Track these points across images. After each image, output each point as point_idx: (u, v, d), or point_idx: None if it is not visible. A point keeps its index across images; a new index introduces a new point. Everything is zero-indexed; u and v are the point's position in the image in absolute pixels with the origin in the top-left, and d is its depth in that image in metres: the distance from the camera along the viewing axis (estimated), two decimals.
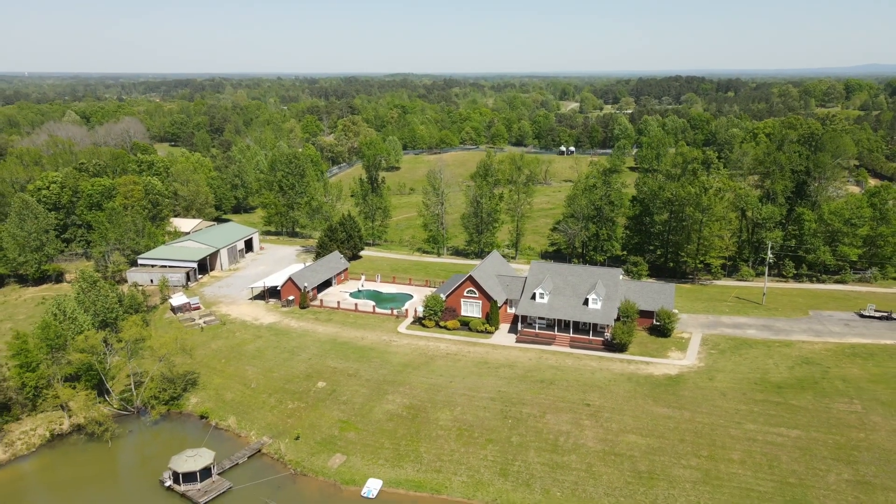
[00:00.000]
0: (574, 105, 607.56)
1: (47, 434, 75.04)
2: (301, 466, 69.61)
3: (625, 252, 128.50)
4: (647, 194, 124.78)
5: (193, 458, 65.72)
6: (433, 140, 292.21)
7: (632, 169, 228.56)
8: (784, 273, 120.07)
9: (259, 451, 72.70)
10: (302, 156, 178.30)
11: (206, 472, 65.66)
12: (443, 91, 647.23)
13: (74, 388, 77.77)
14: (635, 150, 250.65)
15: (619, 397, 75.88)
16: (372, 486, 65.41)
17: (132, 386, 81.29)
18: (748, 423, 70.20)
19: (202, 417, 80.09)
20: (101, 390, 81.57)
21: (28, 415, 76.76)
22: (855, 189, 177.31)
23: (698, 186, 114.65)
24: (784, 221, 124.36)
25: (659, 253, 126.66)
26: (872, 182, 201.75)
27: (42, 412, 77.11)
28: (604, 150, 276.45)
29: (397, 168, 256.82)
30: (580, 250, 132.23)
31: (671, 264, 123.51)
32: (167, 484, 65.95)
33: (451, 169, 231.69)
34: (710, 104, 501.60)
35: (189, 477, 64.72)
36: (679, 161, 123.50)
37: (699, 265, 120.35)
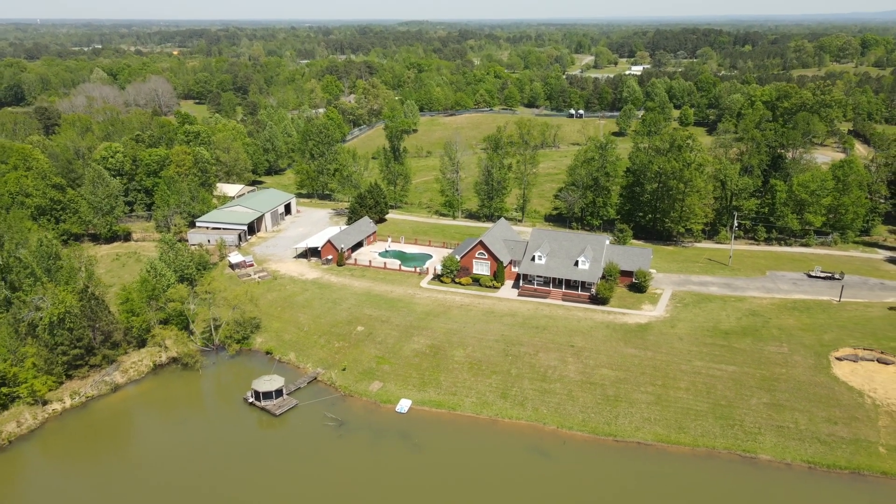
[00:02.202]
0: (589, 59, 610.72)
1: (151, 364, 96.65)
2: (348, 390, 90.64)
3: (619, 217, 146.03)
4: (639, 166, 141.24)
5: (269, 381, 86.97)
6: (448, 102, 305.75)
7: (637, 133, 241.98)
8: (756, 237, 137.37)
9: (315, 378, 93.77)
10: (330, 124, 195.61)
11: (279, 392, 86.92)
12: (457, 44, 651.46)
13: (169, 329, 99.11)
14: (641, 113, 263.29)
15: (597, 340, 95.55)
16: (403, 405, 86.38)
17: (211, 328, 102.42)
18: (696, 361, 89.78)
19: (267, 353, 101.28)
20: (188, 331, 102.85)
21: (134, 350, 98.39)
22: (841, 156, 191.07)
23: (682, 162, 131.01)
24: (760, 191, 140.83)
25: (648, 218, 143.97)
26: (860, 149, 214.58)
27: (145, 348, 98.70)
28: (612, 113, 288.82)
29: (415, 130, 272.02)
30: (579, 215, 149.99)
31: (659, 227, 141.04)
32: (250, 400, 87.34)
33: (465, 132, 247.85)
34: (725, 59, 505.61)
35: (267, 395, 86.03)
36: (667, 138, 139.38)
37: (682, 230, 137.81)
